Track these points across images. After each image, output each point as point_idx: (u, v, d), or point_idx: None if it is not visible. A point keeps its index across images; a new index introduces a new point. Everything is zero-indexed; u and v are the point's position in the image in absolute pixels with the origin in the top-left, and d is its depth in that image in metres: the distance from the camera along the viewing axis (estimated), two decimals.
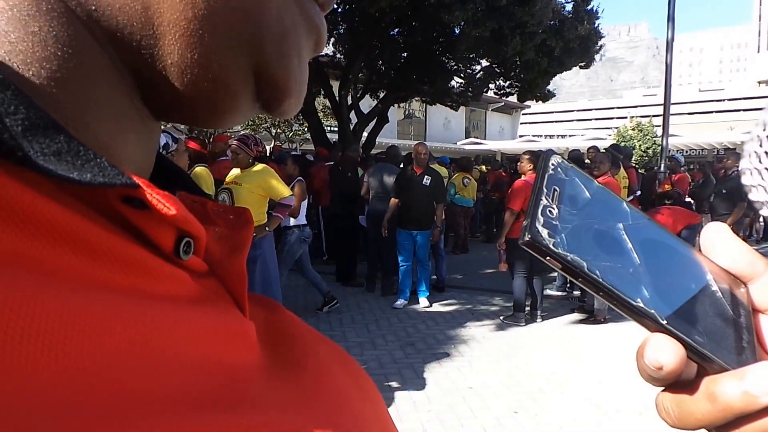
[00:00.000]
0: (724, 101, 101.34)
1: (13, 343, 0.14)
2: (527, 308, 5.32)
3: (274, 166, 4.70)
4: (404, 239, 5.66)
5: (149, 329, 0.18)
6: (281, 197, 4.02)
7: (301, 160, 5.08)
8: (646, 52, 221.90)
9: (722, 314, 0.25)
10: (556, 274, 6.42)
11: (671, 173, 9.14)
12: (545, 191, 0.25)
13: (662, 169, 9.68)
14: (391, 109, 11.20)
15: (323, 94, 10.41)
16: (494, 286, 6.59)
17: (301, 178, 5.09)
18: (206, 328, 0.22)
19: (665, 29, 10.04)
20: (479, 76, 10.70)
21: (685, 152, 23.68)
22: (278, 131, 16.08)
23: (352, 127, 10.25)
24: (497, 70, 10.51)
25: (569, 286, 6.32)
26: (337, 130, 10.52)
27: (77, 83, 0.20)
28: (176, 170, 0.32)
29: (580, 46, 10.03)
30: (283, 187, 4.06)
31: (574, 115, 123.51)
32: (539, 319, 5.31)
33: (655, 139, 27.34)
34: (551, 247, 0.23)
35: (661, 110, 10.49)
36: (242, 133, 4.97)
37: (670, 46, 10.02)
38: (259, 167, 4.07)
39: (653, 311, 0.23)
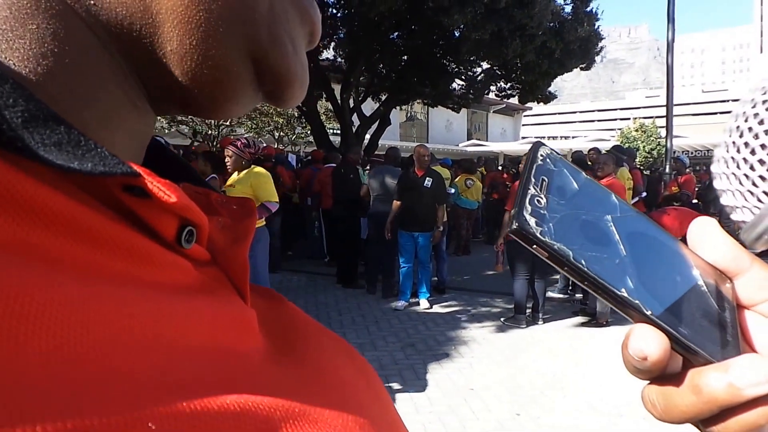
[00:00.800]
0: (727, 102, 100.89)
1: (9, 326, 0.14)
2: (529, 311, 5.31)
3: (281, 169, 4.66)
4: (406, 241, 5.67)
5: (150, 317, 0.19)
6: (267, 200, 4.02)
7: (215, 158, 4.74)
8: (647, 53, 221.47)
9: (707, 308, 0.25)
10: (558, 276, 6.42)
11: (677, 175, 9.11)
12: (533, 180, 0.25)
13: (667, 170, 9.65)
14: (393, 111, 11.22)
15: (325, 97, 10.44)
16: (495, 288, 6.58)
17: (214, 175, 4.82)
18: (207, 315, 0.22)
19: (666, 30, 10.04)
20: (480, 78, 10.72)
21: (690, 153, 23.58)
22: (281, 134, 16.13)
23: (354, 129, 10.28)
24: (498, 72, 10.54)
25: (571, 288, 6.31)
26: (339, 132, 10.55)
27: (74, 79, 0.20)
28: (182, 163, 0.32)
29: (580, 47, 10.04)
30: (271, 190, 4.08)
31: (576, 116, 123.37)
32: (541, 321, 5.30)
33: (659, 140, 27.28)
34: (538, 235, 0.23)
35: (664, 111, 10.46)
36: (245, 136, 4.96)
37: (670, 47, 10.00)
38: (254, 170, 4.12)
39: (638, 302, 0.23)
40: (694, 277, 0.26)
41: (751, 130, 0.28)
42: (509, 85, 10.94)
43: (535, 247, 0.23)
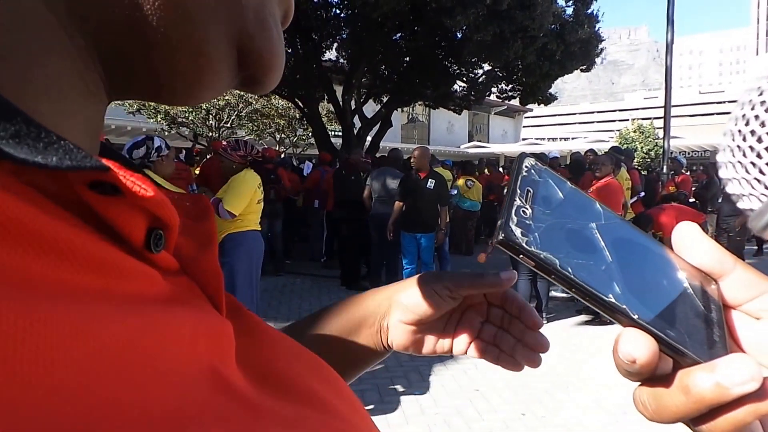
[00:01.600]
0: (724, 103, 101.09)
1: None
2: None
3: (285, 171, 4.49)
4: (408, 242, 5.69)
5: (122, 335, 0.17)
6: (227, 206, 3.38)
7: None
8: (646, 55, 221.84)
9: (694, 309, 0.25)
10: None
11: (674, 175, 9.16)
12: (519, 192, 0.25)
13: (664, 170, 9.70)
14: (394, 113, 11.25)
15: (327, 98, 10.47)
16: None
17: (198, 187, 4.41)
18: (183, 329, 0.20)
19: (665, 32, 10.10)
20: (481, 80, 10.76)
21: (687, 154, 23.66)
22: (282, 136, 16.14)
23: (356, 131, 10.31)
24: (499, 73, 10.58)
25: None
26: (341, 134, 10.58)
27: (26, 63, 0.18)
28: (122, 159, 0.28)
29: (581, 49, 10.09)
30: (235, 198, 3.41)
31: (576, 118, 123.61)
32: (545, 320, 5.29)
33: (656, 141, 27.33)
34: (524, 245, 0.23)
35: (662, 112, 10.52)
36: (233, 138, 4.84)
37: (669, 48, 10.06)
38: (241, 174, 3.54)
39: (625, 306, 0.24)
40: (679, 280, 0.26)
41: (757, 117, 0.28)
42: (510, 86, 10.99)
43: (522, 256, 0.24)
